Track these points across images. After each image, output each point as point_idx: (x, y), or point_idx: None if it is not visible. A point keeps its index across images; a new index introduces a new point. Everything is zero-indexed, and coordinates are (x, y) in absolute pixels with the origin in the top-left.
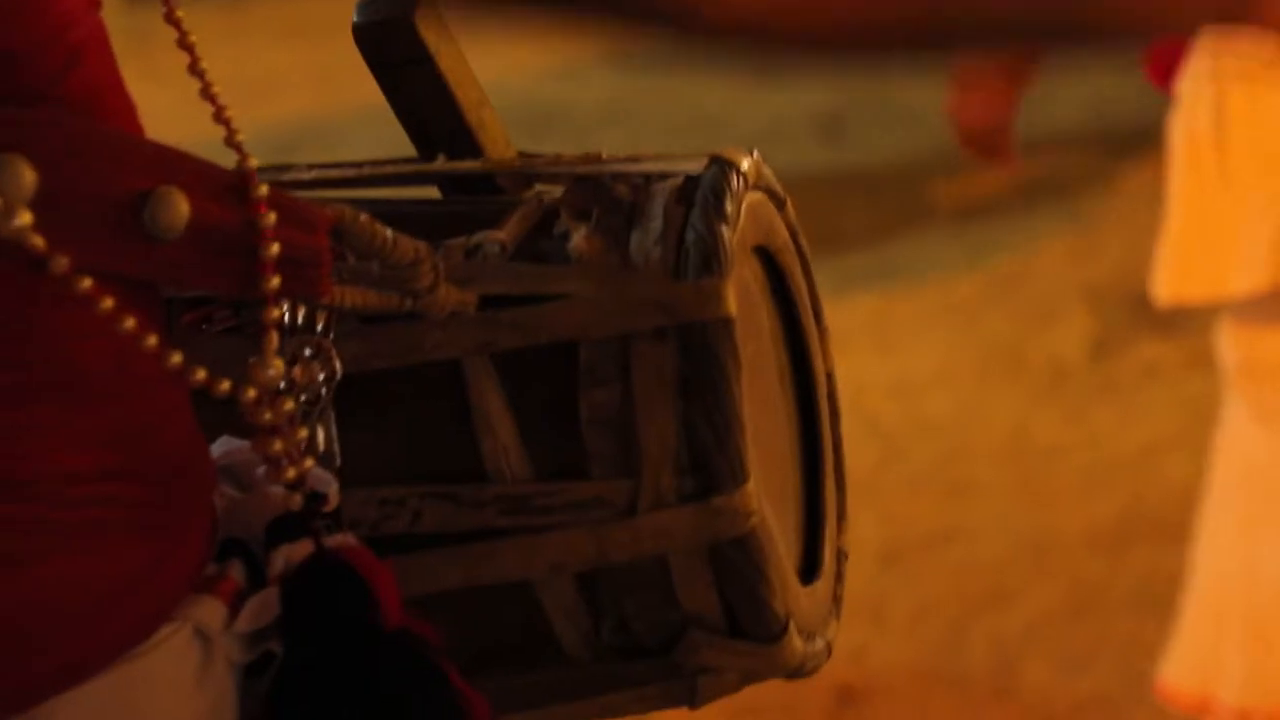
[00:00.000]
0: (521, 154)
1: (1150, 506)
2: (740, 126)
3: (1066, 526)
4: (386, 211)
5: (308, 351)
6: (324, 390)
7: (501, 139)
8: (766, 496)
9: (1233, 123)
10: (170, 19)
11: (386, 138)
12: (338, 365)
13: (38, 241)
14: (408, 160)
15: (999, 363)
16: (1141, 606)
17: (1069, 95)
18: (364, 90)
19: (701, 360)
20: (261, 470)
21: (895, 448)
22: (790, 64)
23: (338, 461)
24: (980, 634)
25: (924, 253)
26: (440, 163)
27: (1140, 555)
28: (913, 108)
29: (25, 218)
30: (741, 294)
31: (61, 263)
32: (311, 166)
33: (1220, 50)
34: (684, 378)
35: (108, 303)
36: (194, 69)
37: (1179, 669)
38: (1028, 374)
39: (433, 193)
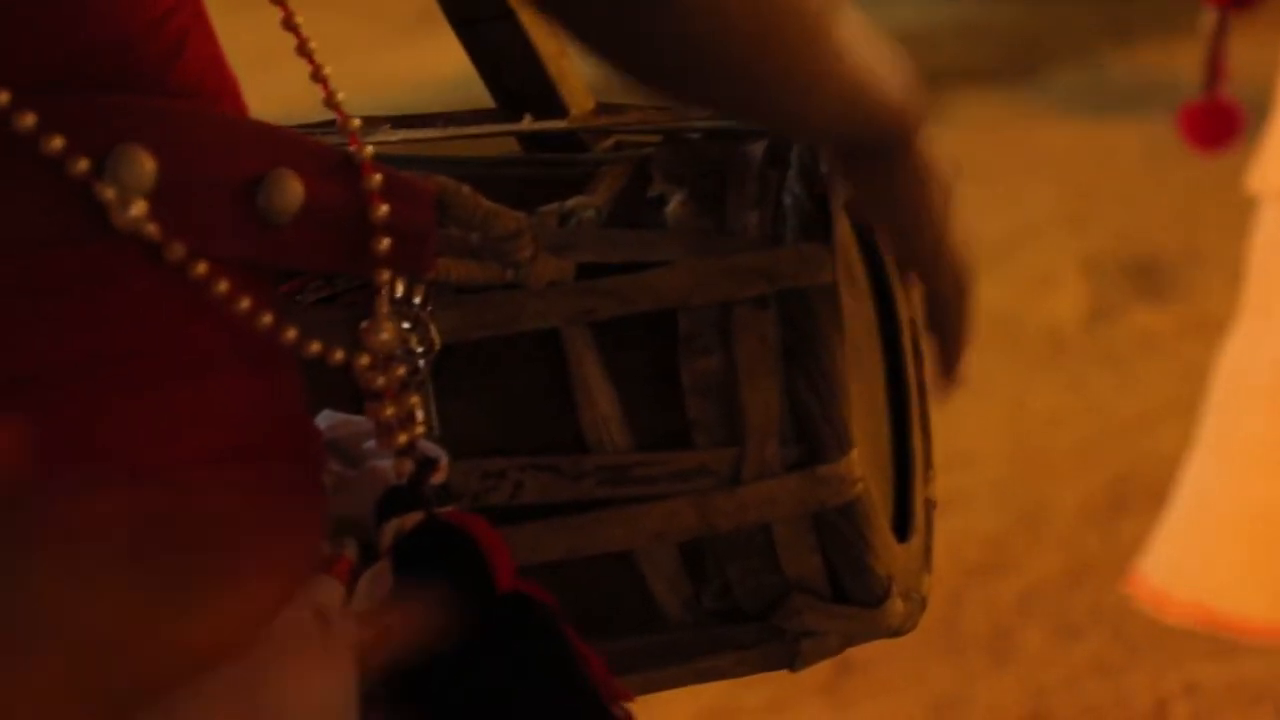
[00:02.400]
0: (600, 104)
1: (1147, 475)
2: None
3: (1063, 495)
4: (471, 175)
5: (405, 325)
6: (421, 363)
7: (581, 90)
8: (866, 457)
9: None
10: None
11: (391, 106)
12: (436, 338)
13: (152, 230)
14: (489, 116)
15: (995, 332)
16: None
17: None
18: (368, 59)
19: (804, 327)
20: (369, 444)
21: None
22: None
23: (435, 434)
24: (976, 601)
25: None
26: (526, 122)
27: (1136, 523)
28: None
29: (140, 207)
30: (840, 253)
31: (177, 250)
32: (396, 125)
33: None
34: (786, 345)
35: (223, 285)
36: (288, 23)
37: (1194, 583)
38: (1024, 343)
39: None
